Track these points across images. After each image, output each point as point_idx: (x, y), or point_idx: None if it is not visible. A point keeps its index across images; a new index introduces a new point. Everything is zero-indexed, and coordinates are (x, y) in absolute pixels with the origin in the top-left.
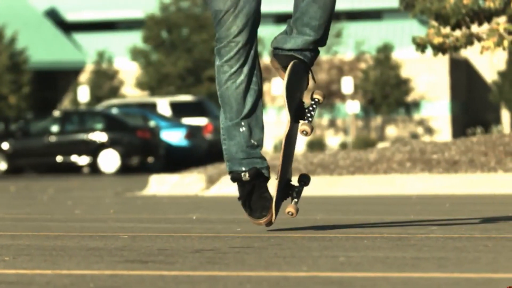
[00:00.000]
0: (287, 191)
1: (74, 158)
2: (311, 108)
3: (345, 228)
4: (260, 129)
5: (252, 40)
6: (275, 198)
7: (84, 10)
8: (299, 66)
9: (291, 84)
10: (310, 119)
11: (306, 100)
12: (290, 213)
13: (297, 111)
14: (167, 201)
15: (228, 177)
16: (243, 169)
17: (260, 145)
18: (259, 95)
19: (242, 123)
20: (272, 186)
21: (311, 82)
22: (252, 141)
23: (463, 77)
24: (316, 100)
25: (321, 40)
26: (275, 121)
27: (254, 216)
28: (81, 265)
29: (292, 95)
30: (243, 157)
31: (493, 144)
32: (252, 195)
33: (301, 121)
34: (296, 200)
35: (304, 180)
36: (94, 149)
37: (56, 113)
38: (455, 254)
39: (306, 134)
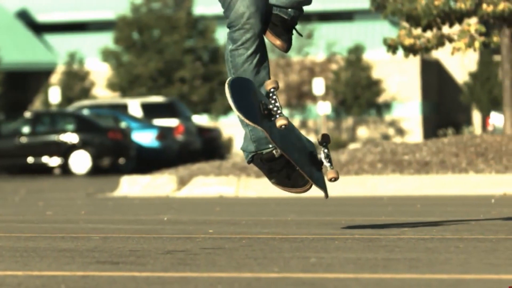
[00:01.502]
0: (316, 161)
1: (45, 159)
2: (272, 102)
3: (316, 229)
4: None
5: (262, 22)
6: (307, 173)
7: (55, 11)
8: (238, 81)
9: (237, 102)
10: (279, 111)
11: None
12: (333, 179)
13: (262, 116)
14: (138, 202)
15: (198, 178)
16: (270, 146)
17: None
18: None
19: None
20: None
21: (294, 42)
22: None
23: (434, 78)
24: (272, 91)
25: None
26: None
27: (299, 185)
28: (53, 266)
29: (247, 111)
30: None
31: (464, 145)
32: (287, 169)
33: (275, 119)
34: (330, 165)
35: (325, 141)
36: (65, 150)
37: (27, 114)
38: (427, 255)
39: (285, 126)
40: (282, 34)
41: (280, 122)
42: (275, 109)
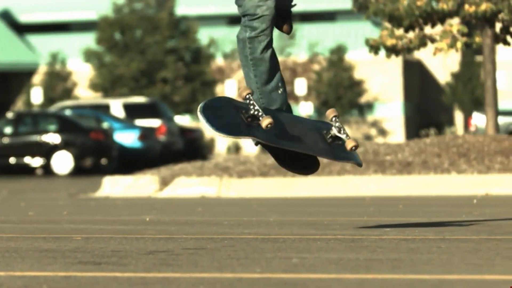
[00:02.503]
0: (331, 138)
1: (27, 159)
2: (251, 106)
3: (298, 230)
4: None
5: (276, 10)
6: (322, 154)
7: (38, 11)
8: (209, 104)
9: (215, 124)
10: (260, 113)
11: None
12: (353, 147)
13: (247, 124)
14: (120, 202)
15: (180, 178)
16: None
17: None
18: None
19: (279, 84)
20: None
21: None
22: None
23: (417, 78)
24: (248, 97)
25: None
26: None
27: (305, 167)
28: (35, 266)
29: (228, 128)
30: None
31: (446, 146)
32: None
33: (259, 121)
34: (345, 136)
35: (333, 116)
36: (47, 151)
37: (9, 114)
38: (409, 256)
39: (271, 125)
40: (288, 18)
41: (264, 122)
42: (256, 112)
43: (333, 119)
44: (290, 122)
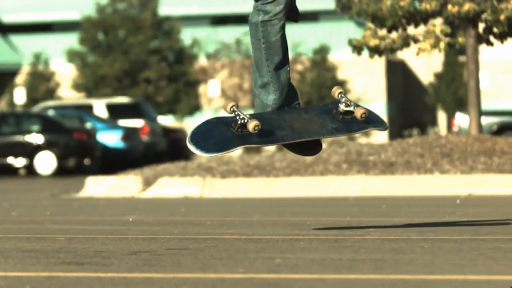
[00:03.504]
0: (342, 113)
1: (10, 160)
2: (237, 117)
3: (281, 230)
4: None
5: None
6: (335, 133)
7: (21, 11)
8: (196, 132)
9: (206, 149)
10: (245, 120)
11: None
12: (363, 114)
13: (238, 135)
14: (103, 203)
15: (163, 179)
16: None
17: None
18: None
19: (288, 69)
20: None
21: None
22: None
23: (400, 78)
24: (233, 109)
25: None
26: None
27: (310, 149)
28: (18, 267)
29: (219, 147)
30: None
31: (430, 146)
32: None
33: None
34: (354, 106)
35: (339, 93)
36: (30, 151)
37: None
38: (392, 256)
39: (258, 127)
40: (293, 5)
41: (250, 126)
42: (243, 121)
43: (339, 95)
44: (293, 115)
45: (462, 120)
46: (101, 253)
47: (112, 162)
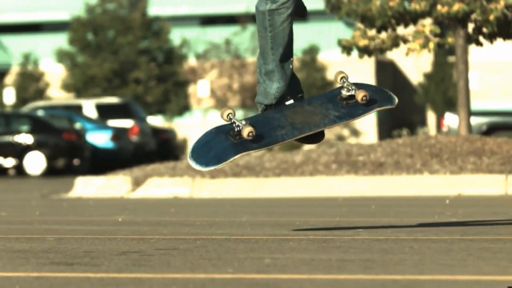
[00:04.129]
0: (346, 97)
1: None
2: (234, 125)
3: (271, 230)
4: None
5: None
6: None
7: (10, 12)
8: (195, 148)
9: (206, 162)
10: (241, 126)
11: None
12: (364, 97)
13: (237, 143)
14: (93, 203)
15: (153, 179)
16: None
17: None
18: None
19: (292, 59)
20: None
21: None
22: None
23: (389, 79)
24: (230, 117)
25: None
26: (201, 123)
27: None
28: (7, 267)
29: (218, 159)
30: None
31: (419, 146)
32: None
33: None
34: (355, 89)
35: (341, 77)
36: (20, 151)
37: None
38: (381, 256)
39: (252, 133)
40: (300, 1)
41: (245, 133)
42: (239, 128)
43: (341, 80)
44: (295, 110)
45: (451, 120)
46: (91, 253)
47: (101, 162)
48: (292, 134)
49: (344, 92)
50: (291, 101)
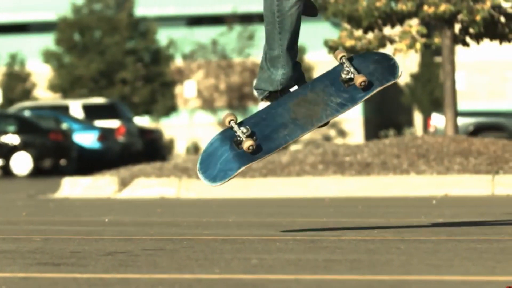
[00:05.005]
0: (347, 84)
1: None
2: (236, 133)
3: (257, 230)
4: None
5: None
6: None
7: None
8: (202, 161)
9: (215, 177)
10: (243, 136)
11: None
12: (363, 82)
13: (241, 153)
14: (79, 203)
15: (140, 179)
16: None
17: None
18: None
19: (296, 48)
20: None
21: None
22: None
23: None
24: (231, 123)
25: None
26: (188, 123)
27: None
28: None
29: (225, 172)
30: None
31: (406, 147)
32: None
33: (245, 141)
34: (355, 71)
35: (340, 57)
36: (6, 152)
37: None
38: (368, 256)
39: (252, 146)
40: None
41: (245, 146)
42: (239, 138)
43: (341, 59)
44: (299, 100)
45: (438, 120)
46: (77, 254)
47: (88, 163)
48: (294, 134)
49: (344, 75)
50: (296, 87)
